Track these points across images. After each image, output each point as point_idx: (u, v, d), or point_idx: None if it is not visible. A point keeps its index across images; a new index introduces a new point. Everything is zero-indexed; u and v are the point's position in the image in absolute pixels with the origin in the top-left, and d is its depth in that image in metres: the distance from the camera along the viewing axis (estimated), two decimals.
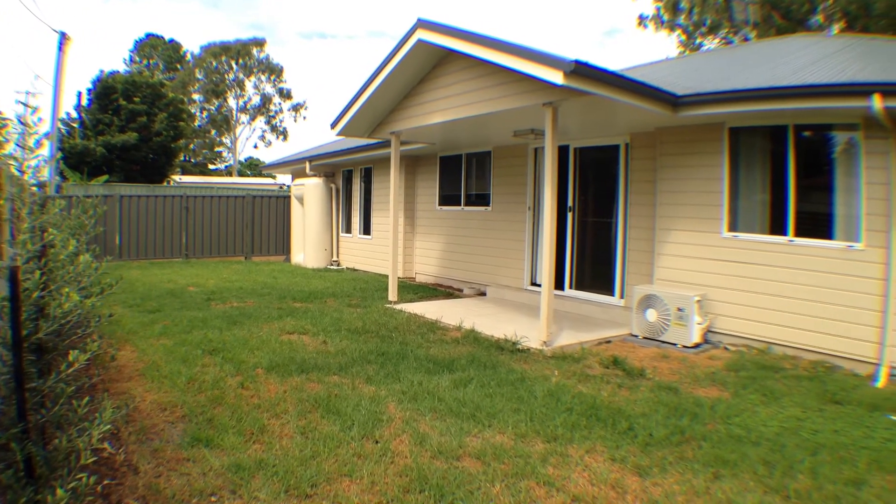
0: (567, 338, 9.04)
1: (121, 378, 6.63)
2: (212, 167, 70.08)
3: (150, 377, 6.64)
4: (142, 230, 20.03)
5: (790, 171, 8.89)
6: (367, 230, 18.39)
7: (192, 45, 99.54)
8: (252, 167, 70.38)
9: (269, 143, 74.07)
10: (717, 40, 34.24)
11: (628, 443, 5.25)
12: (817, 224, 8.78)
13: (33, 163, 4.14)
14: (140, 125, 39.83)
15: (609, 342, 9.33)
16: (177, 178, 44.25)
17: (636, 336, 9.52)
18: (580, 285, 12.02)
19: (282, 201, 22.20)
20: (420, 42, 9.84)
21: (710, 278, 9.60)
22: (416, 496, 4.08)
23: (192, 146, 64.46)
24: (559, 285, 11.93)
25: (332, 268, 18.85)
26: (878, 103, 7.44)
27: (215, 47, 65.94)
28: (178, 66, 67.14)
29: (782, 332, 8.89)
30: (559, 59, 7.54)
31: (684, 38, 35.26)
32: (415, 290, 14.15)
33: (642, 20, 35.59)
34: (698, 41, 34.96)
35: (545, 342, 8.48)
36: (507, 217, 13.55)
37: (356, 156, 17.12)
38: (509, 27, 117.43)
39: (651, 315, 9.30)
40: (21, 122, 3.99)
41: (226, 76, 67.05)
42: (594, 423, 5.66)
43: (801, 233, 8.82)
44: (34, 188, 4.89)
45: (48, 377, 3.54)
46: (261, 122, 71.23)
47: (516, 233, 13.31)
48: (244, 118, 69.99)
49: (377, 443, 4.97)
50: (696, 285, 9.68)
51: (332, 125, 12.31)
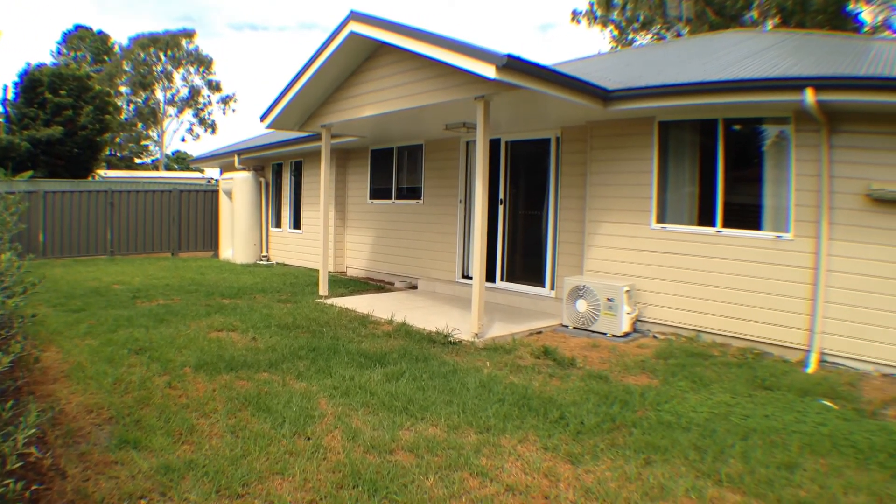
0: (499, 329, 9.08)
1: (46, 380, 6.42)
2: (138, 161, 68.24)
3: (75, 378, 6.43)
4: (66, 227, 19.35)
5: (719, 164, 9.09)
6: (297, 224, 18.18)
7: (121, 37, 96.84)
8: (179, 161, 68.93)
9: (198, 137, 72.77)
10: (650, 36, 34.77)
11: (560, 431, 5.29)
12: (746, 215, 9.00)
13: None
14: (66, 119, 38.47)
15: (540, 333, 9.41)
16: (102, 172, 43.09)
17: (567, 326, 9.62)
18: (511, 277, 12.10)
19: (210, 195, 21.75)
20: (353, 34, 9.73)
21: (640, 269, 9.76)
22: (350, 492, 4.03)
23: (118, 140, 62.73)
24: (491, 278, 11.98)
25: (261, 263, 18.59)
26: (810, 97, 7.64)
27: (144, 39, 64.19)
28: (107, 59, 65.29)
29: (711, 321, 9.10)
30: (492, 53, 7.55)
31: (617, 33, 35.72)
32: (346, 284, 14.04)
33: (576, 16, 35.92)
34: (631, 37, 35.45)
35: (477, 334, 8.51)
36: (439, 210, 13.55)
37: (286, 149, 16.91)
38: (444, 21, 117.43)
39: (581, 305, 9.41)
40: None
41: (153, 68, 65.50)
42: (526, 412, 5.69)
43: (729, 224, 9.02)
44: None
45: None
46: (189, 114, 69.65)
47: (448, 226, 13.33)
48: (172, 111, 68.36)
49: (309, 439, 4.90)
50: (625, 276, 9.82)
51: (262, 118, 12.12)
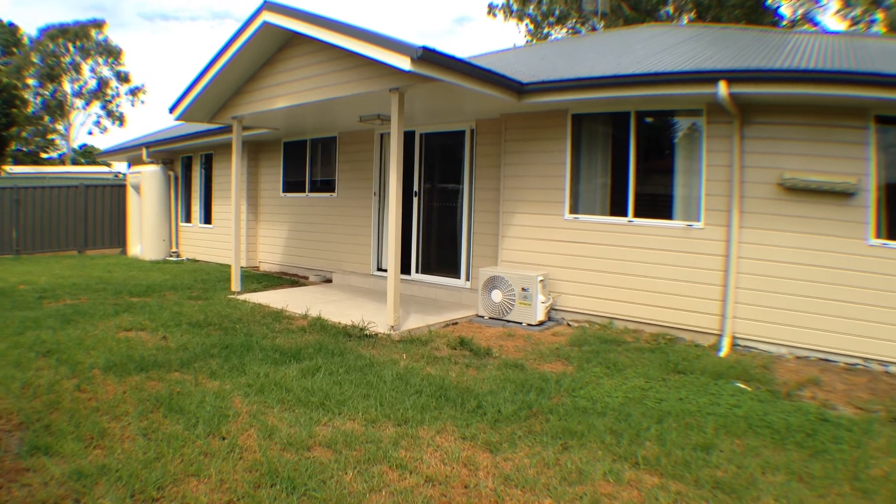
0: (415, 321, 9.10)
1: None
2: (45, 156, 65.69)
3: None
4: None
5: (632, 156, 9.33)
6: (208, 219, 17.82)
7: (32, 28, 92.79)
8: (86, 155, 66.37)
9: (106, 130, 70.56)
10: (565, 30, 35.13)
11: (478, 421, 5.33)
12: (658, 205, 9.25)
13: None
14: None
15: (456, 324, 9.46)
16: (8, 168, 41.33)
17: (482, 317, 9.71)
18: (427, 269, 12.12)
19: (117, 190, 21.07)
20: (266, 24, 9.54)
21: (554, 258, 9.91)
22: (268, 491, 3.97)
23: (24, 135, 60.22)
24: (406, 270, 12.01)
25: (171, 259, 18.15)
26: (723, 90, 7.88)
27: (54, 30, 61.61)
28: (16, 51, 62.60)
29: (624, 308, 9.33)
30: (407, 44, 7.53)
31: (533, 27, 35.98)
32: (259, 279, 13.83)
33: (492, 9, 36.05)
34: (547, 31, 35.76)
35: (393, 327, 8.49)
36: (354, 203, 13.47)
37: (196, 142, 16.53)
38: (360, 12, 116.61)
39: (496, 296, 9.50)
40: None
41: (62, 59, 63.09)
42: (444, 403, 5.71)
43: (641, 214, 9.26)
44: None
45: None
46: (97, 107, 67.25)
47: (362, 219, 13.26)
48: (79, 103, 65.90)
49: (224, 439, 4.80)
50: (540, 266, 9.96)
51: (171, 109, 11.78)
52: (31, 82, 62.03)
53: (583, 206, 9.88)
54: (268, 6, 9.45)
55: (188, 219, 18.74)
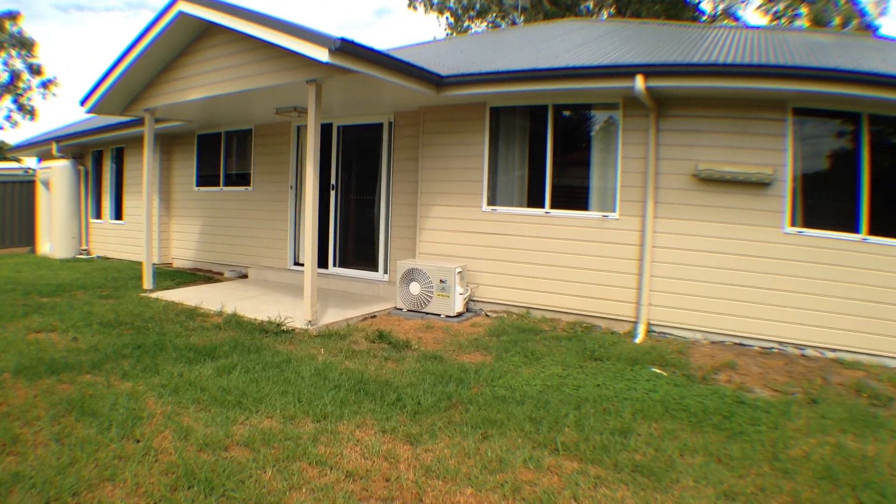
0: (333, 315, 9.06)
1: None
2: None
3: None
4: None
5: (549, 148, 9.50)
6: (119, 215, 17.30)
7: None
8: None
9: (17, 124, 67.56)
10: (485, 24, 35.17)
11: (398, 413, 5.36)
12: (575, 196, 9.45)
13: None
14: None
15: (374, 317, 9.47)
16: None
17: (401, 309, 9.74)
18: (345, 263, 12.09)
19: (27, 187, 20.33)
20: (182, 14, 9.29)
21: (472, 250, 10.01)
22: (185, 493, 3.91)
23: None
24: (323, 264, 11.93)
25: (81, 257, 17.58)
26: (640, 84, 8.07)
27: None
28: None
29: (542, 298, 9.49)
30: (325, 35, 7.47)
31: (454, 20, 35.84)
32: (172, 276, 13.53)
33: (413, 1, 35.77)
34: (467, 24, 35.73)
35: (310, 321, 8.44)
36: (270, 197, 13.31)
37: (107, 135, 15.96)
38: (280, 2, 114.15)
39: (415, 288, 9.54)
40: None
41: None
42: (363, 397, 5.72)
43: (558, 205, 9.43)
44: None
45: None
46: (9, 101, 64.75)
47: (279, 212, 13.12)
48: None
49: (139, 442, 4.68)
50: (458, 257, 10.04)
51: (82, 102, 11.35)
52: None
53: (501, 198, 10.00)
54: None
55: (99, 215, 18.18)
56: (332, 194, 12.05)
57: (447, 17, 36.08)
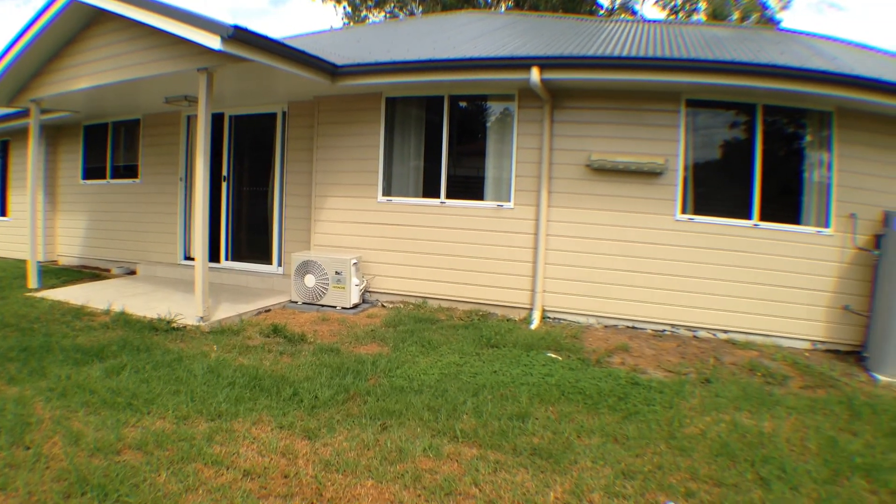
0: (225, 311, 8.87)
1: None
2: None
3: None
4: None
5: (445, 139, 9.54)
6: (4, 211, 16.37)
7: None
8: None
9: None
10: (384, 14, 34.90)
11: (294, 408, 5.31)
12: (470, 186, 9.55)
13: None
14: None
15: (269, 311, 9.33)
16: None
17: (296, 302, 9.64)
18: (238, 256, 11.87)
19: None
20: (73, 1, 8.90)
21: (369, 241, 9.99)
22: (79, 500, 3.77)
23: None
24: (215, 257, 11.67)
25: None
26: (536, 76, 8.21)
27: None
28: None
29: (438, 287, 9.56)
30: (217, 23, 7.29)
31: (351, 10, 35.47)
32: (58, 274, 12.97)
33: None
34: (365, 14, 35.40)
35: (202, 318, 8.23)
36: (159, 189, 12.90)
37: None
38: None
39: (310, 280, 9.47)
40: None
41: None
42: (258, 394, 5.63)
43: (454, 195, 9.52)
44: None
45: None
46: None
47: (168, 205, 12.75)
48: None
49: (28, 448, 4.47)
50: (354, 249, 10.00)
51: None
52: None
53: (397, 189, 10.02)
54: None
55: None
56: (224, 186, 11.81)
57: (345, 7, 35.74)
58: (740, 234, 8.54)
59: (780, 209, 8.59)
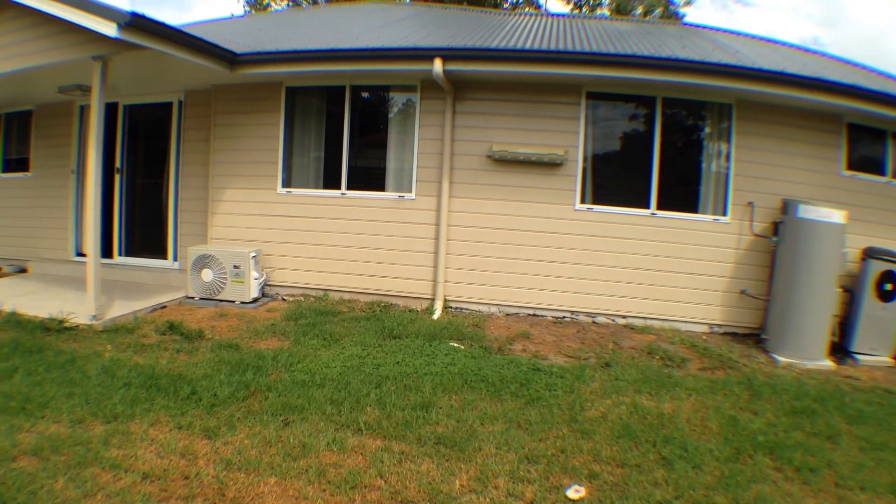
0: (119, 308, 8.57)
1: None
2: None
3: None
4: None
5: (347, 130, 9.47)
6: None
7: None
8: None
9: None
10: (286, 2, 34.38)
11: (193, 407, 5.21)
12: (372, 178, 9.51)
13: None
14: None
15: (165, 307, 9.07)
16: None
17: (193, 298, 9.42)
18: (132, 251, 11.48)
19: None
20: None
21: (268, 233, 9.84)
22: None
23: None
24: (109, 253, 11.25)
25: None
26: (438, 67, 8.23)
27: None
28: None
29: (340, 279, 9.51)
30: (113, 9, 7.02)
31: None
32: None
33: None
34: (267, 2, 34.80)
35: (95, 316, 7.91)
36: (51, 183, 12.35)
37: None
38: None
39: (207, 275, 9.26)
40: None
41: None
42: (155, 393, 5.48)
43: (355, 186, 9.48)
44: None
45: None
46: None
47: (60, 199, 12.22)
48: None
49: None
50: (253, 241, 9.84)
51: None
52: None
53: (297, 180, 9.90)
54: None
55: None
56: (118, 178, 11.40)
57: None
58: (639, 222, 8.79)
59: (679, 199, 8.89)
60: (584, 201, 8.92)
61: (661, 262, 8.78)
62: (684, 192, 9.00)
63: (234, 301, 9.22)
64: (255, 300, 9.33)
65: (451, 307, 9.22)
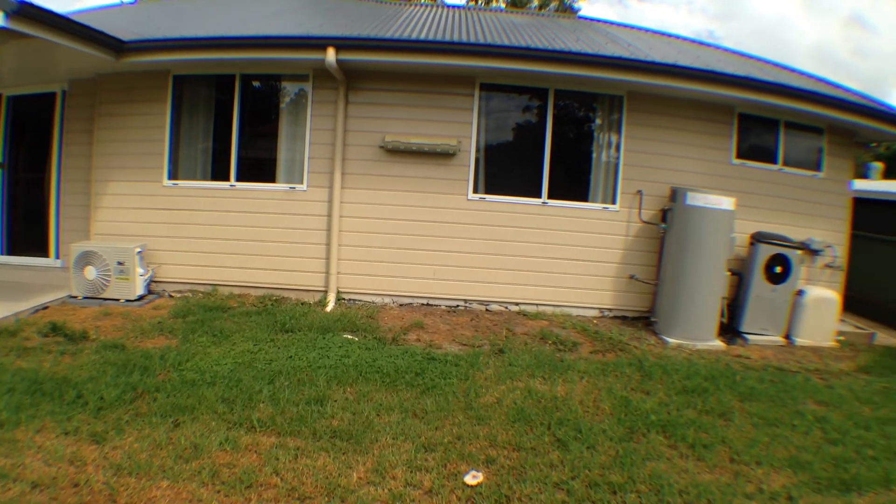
0: (0, 310, 8.22)
1: None
2: None
3: None
4: None
5: (236, 120, 9.29)
6: None
7: None
8: None
9: None
10: None
11: (79, 412, 5.01)
12: (263, 169, 9.37)
13: None
14: None
15: (47, 308, 8.65)
16: None
17: (77, 297, 9.03)
18: (14, 250, 10.93)
19: None
20: None
21: (154, 228, 9.54)
22: None
23: None
24: None
25: None
26: (331, 56, 8.14)
27: None
28: None
29: (229, 273, 9.33)
30: None
31: None
32: None
33: None
34: None
35: None
36: None
37: None
38: None
39: (91, 273, 8.91)
40: None
41: None
42: (40, 399, 5.22)
43: (246, 177, 9.31)
44: None
45: None
46: None
47: None
48: None
49: None
50: (139, 237, 9.50)
51: None
52: None
53: (184, 172, 9.62)
54: None
55: None
56: (1, 173, 10.87)
57: None
58: (531, 211, 8.95)
59: (570, 188, 9.11)
60: (476, 191, 9.00)
61: (553, 250, 8.96)
62: (576, 182, 9.21)
63: (119, 299, 8.90)
64: (142, 297, 9.04)
65: (344, 299, 9.16)
